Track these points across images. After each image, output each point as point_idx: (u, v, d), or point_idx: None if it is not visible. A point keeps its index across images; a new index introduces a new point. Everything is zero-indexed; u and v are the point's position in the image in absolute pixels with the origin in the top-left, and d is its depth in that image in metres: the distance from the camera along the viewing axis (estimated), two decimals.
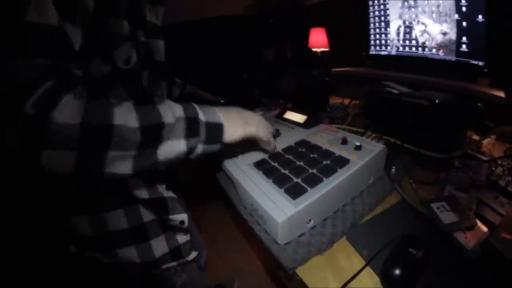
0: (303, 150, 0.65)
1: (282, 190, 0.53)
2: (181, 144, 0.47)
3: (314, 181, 0.53)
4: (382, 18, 1.51)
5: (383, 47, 1.56)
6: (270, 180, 0.56)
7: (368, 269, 0.50)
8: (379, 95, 1.02)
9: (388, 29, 1.50)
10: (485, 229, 0.55)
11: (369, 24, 1.60)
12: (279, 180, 0.55)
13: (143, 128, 0.42)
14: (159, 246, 0.63)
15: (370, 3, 1.55)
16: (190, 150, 0.49)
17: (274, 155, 0.65)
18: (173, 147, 0.46)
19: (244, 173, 0.61)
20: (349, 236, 0.56)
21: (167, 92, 0.72)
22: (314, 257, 0.52)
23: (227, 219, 1.89)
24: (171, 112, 0.46)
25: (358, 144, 0.62)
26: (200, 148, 0.50)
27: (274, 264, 0.54)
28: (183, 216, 0.64)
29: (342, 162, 0.58)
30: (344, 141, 0.65)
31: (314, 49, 1.76)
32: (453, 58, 1.20)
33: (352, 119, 1.13)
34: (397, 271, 0.46)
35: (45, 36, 0.38)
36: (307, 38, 1.83)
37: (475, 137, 0.96)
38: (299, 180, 0.54)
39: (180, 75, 1.06)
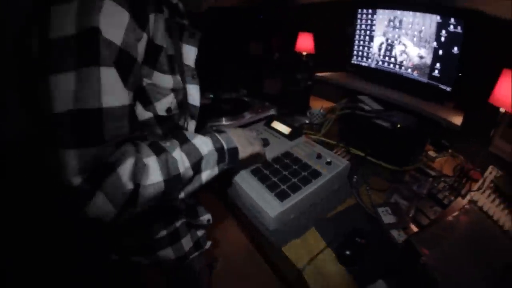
0: (288, 161, 0.91)
1: (273, 194, 0.78)
2: (214, 170, 0.67)
3: (295, 188, 0.79)
4: (368, 32, 1.78)
5: (364, 59, 1.84)
6: (264, 185, 0.81)
7: (328, 249, 0.77)
8: (353, 111, 1.30)
9: (372, 43, 1.77)
10: (415, 229, 0.84)
11: (354, 35, 1.86)
12: (271, 186, 0.80)
13: (193, 165, 0.61)
14: (187, 242, 0.85)
15: (359, 16, 1.80)
16: (220, 172, 0.69)
17: (266, 164, 0.90)
18: (209, 173, 0.66)
19: (245, 179, 0.85)
20: (317, 226, 0.83)
21: None
22: (293, 240, 0.79)
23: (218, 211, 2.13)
24: (205, 145, 0.65)
25: (329, 160, 0.88)
26: (225, 167, 0.71)
27: (265, 244, 0.82)
28: (208, 216, 0.90)
29: (316, 174, 0.84)
30: (319, 156, 0.92)
31: (300, 53, 2.00)
32: (425, 80, 1.49)
33: (329, 128, 1.40)
34: (347, 252, 0.74)
35: (120, 123, 0.50)
36: (294, 41, 2.06)
37: (431, 152, 1.26)
38: (285, 187, 0.80)
39: None
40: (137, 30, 0.52)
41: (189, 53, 0.76)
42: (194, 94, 0.78)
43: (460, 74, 1.33)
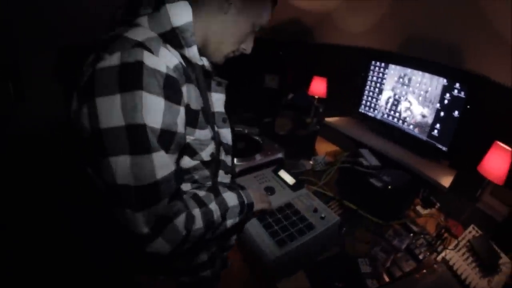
0: (288, 212, 1.18)
1: (274, 240, 1.05)
2: (236, 218, 0.87)
3: (292, 238, 1.06)
4: (378, 84, 2.05)
5: (371, 110, 2.12)
6: (267, 232, 1.08)
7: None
8: (352, 166, 1.61)
9: (380, 96, 2.04)
10: (387, 279, 1.11)
11: (365, 86, 2.15)
12: (272, 234, 1.08)
13: (222, 215, 0.80)
14: (218, 262, 1.04)
15: (372, 67, 2.08)
16: (240, 221, 0.89)
17: (271, 213, 1.18)
18: (233, 221, 0.86)
19: (252, 225, 1.13)
20: (305, 269, 1.11)
21: None
22: (285, 278, 1.08)
23: None
24: (231, 200, 0.85)
25: (323, 215, 1.15)
26: (243, 217, 0.91)
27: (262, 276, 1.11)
28: (234, 238, 1.15)
29: (310, 227, 1.11)
30: (315, 210, 1.19)
31: (313, 96, 2.26)
32: (424, 137, 1.76)
33: (329, 179, 1.70)
34: None
35: (171, 182, 0.65)
36: (308, 82, 2.33)
37: (419, 208, 1.52)
38: (283, 236, 1.06)
39: None
40: (173, 107, 0.63)
41: (219, 101, 0.88)
42: (226, 136, 0.91)
43: (457, 137, 1.58)
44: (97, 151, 0.60)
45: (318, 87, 2.27)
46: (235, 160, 1.54)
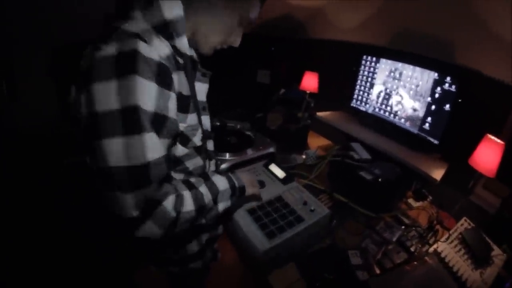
0: (278, 205, 1.17)
1: (263, 232, 1.03)
2: (228, 202, 0.87)
3: (282, 230, 1.05)
4: (369, 79, 2.04)
5: (363, 104, 2.10)
6: (257, 225, 1.07)
7: (302, 281, 1.02)
8: (342, 159, 1.58)
9: (371, 90, 2.03)
10: (378, 271, 1.08)
11: (357, 80, 2.13)
12: (262, 226, 1.06)
13: (213, 198, 0.81)
14: (208, 254, 1.07)
15: (363, 62, 2.06)
16: (232, 203, 0.89)
17: (260, 206, 1.16)
18: (224, 205, 0.86)
19: (242, 217, 1.11)
20: (296, 261, 1.09)
21: None
22: (276, 270, 1.05)
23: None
24: (221, 183, 0.85)
25: (312, 208, 1.14)
26: (235, 201, 0.91)
27: (253, 268, 1.09)
28: (221, 226, 1.14)
29: (300, 219, 1.10)
30: (305, 203, 1.18)
31: (304, 91, 2.24)
32: (415, 131, 1.75)
33: (321, 171, 1.68)
34: (317, 284, 1.00)
35: (161, 166, 0.67)
36: (300, 76, 2.31)
37: (411, 200, 1.51)
38: (273, 228, 1.05)
39: None
40: (165, 92, 0.66)
41: (202, 91, 0.90)
42: (206, 123, 0.93)
43: (448, 130, 1.57)
44: (92, 134, 0.62)
45: (310, 82, 2.25)
46: (227, 155, 1.52)
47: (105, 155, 0.61)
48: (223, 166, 1.45)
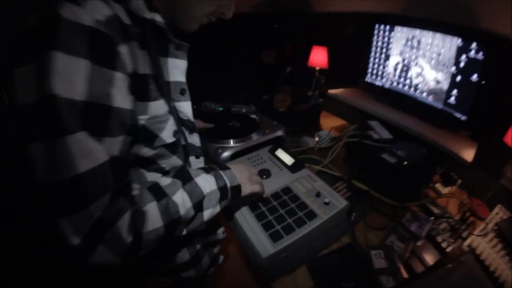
0: (286, 198, 0.97)
1: (267, 233, 0.84)
2: (216, 208, 0.70)
3: (289, 230, 0.85)
4: (384, 50, 1.80)
5: (379, 78, 1.87)
6: (260, 224, 0.87)
7: None
8: (360, 140, 1.36)
9: (387, 62, 1.79)
10: (405, 275, 0.88)
11: (370, 52, 1.89)
12: (266, 225, 0.86)
13: (195, 205, 0.64)
14: (206, 261, 0.95)
15: (376, 31, 1.82)
16: (222, 209, 0.73)
17: (264, 200, 0.96)
18: (211, 212, 0.69)
19: (242, 215, 0.92)
20: (308, 265, 0.89)
21: None
22: (283, 276, 0.87)
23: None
24: (207, 184, 0.68)
25: (327, 201, 0.93)
26: (227, 204, 0.75)
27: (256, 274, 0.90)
28: (222, 228, 0.98)
29: (312, 215, 0.89)
30: (318, 195, 0.97)
31: (313, 67, 2.05)
32: (439, 105, 1.51)
33: (335, 157, 1.45)
34: None
35: (106, 176, 0.51)
36: (308, 54, 2.11)
37: (439, 185, 1.28)
38: (279, 228, 0.85)
39: None
40: (103, 72, 0.49)
41: (177, 69, 0.72)
42: (186, 110, 0.77)
43: (477, 104, 1.34)
44: (20, 140, 0.48)
45: (318, 57, 2.05)
46: (231, 141, 1.36)
47: (31, 166, 0.46)
48: (226, 154, 1.27)
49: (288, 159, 1.17)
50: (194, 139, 0.84)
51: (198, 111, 1.65)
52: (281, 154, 1.21)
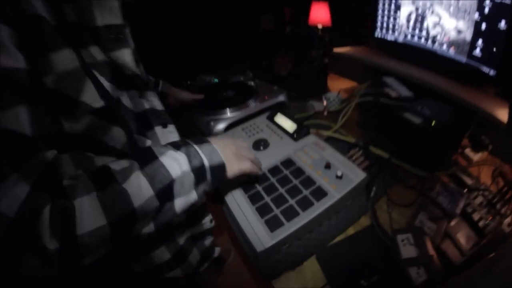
0: (287, 173, 0.75)
1: (263, 220, 0.63)
2: (191, 195, 0.53)
3: (291, 214, 0.64)
4: (393, 0, 1.53)
5: (390, 32, 1.59)
6: (254, 208, 0.67)
7: (328, 286, 0.63)
8: (376, 99, 1.12)
9: (398, 12, 1.51)
10: (439, 266, 0.67)
11: (377, 3, 1.61)
12: (262, 210, 0.66)
13: (159, 193, 0.47)
14: (194, 256, 0.76)
15: None
16: (201, 196, 0.55)
17: (261, 177, 0.75)
18: (186, 200, 0.52)
19: (233, 197, 0.71)
20: (318, 255, 0.68)
21: None
22: (286, 272, 0.66)
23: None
24: (177, 165, 0.50)
25: (339, 174, 0.71)
26: (206, 189, 0.57)
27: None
28: (209, 216, 0.77)
29: (321, 193, 0.68)
30: (328, 166, 0.75)
31: (315, 26, 1.79)
32: (463, 59, 1.25)
33: (348, 117, 1.23)
34: None
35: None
36: (308, 12, 1.86)
37: (469, 151, 1.04)
38: (278, 212, 0.65)
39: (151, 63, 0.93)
40: None
41: (105, 8, 0.53)
42: (125, 60, 0.57)
43: (508, 56, 1.07)
44: None
45: (320, 13, 1.80)
46: (225, 111, 1.13)
47: None
48: (220, 126, 1.07)
49: (289, 125, 0.95)
50: (153, 101, 0.63)
51: (192, 85, 1.45)
52: (281, 119, 0.99)
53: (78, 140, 0.48)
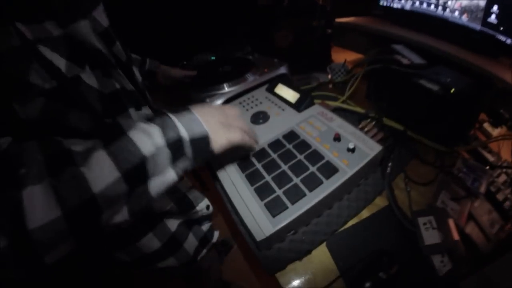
0: (290, 147, 0.64)
1: (263, 203, 0.53)
2: (170, 173, 0.44)
3: (296, 195, 0.53)
4: None
5: None
6: (252, 188, 0.56)
7: (341, 280, 0.53)
8: (386, 66, 0.99)
9: None
10: (464, 252, 0.55)
11: None
12: (261, 190, 0.55)
13: (126, 175, 0.38)
14: (191, 243, 0.68)
15: None
16: (180, 174, 0.46)
17: (259, 152, 0.64)
18: (162, 181, 0.43)
19: (228, 175, 0.60)
20: (329, 243, 0.58)
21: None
22: (292, 264, 0.56)
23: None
24: (148, 140, 0.41)
25: (351, 146, 0.60)
26: (188, 166, 0.47)
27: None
28: (205, 202, 0.69)
29: (331, 170, 0.56)
30: (337, 138, 0.64)
31: None
32: (477, 27, 1.12)
33: (356, 88, 1.10)
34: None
35: None
36: None
37: (487, 126, 0.93)
38: (280, 193, 0.54)
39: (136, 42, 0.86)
40: None
41: None
42: (85, 34, 0.47)
43: None
44: None
45: None
46: (225, 86, 1.01)
47: None
48: (217, 103, 0.96)
49: (291, 95, 0.83)
50: (122, 81, 0.52)
51: (188, 65, 1.37)
52: (282, 90, 0.87)
53: (39, 126, 0.41)
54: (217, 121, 0.50)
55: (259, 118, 0.77)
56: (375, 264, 0.53)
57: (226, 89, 1.02)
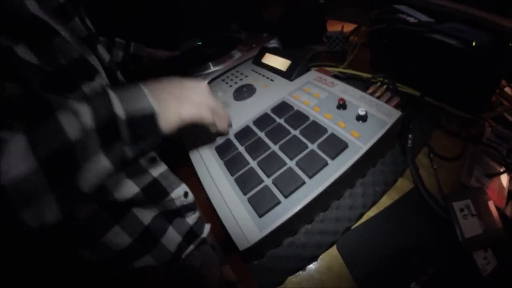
0: (281, 121, 0.47)
1: (246, 198, 0.37)
2: (102, 162, 0.33)
3: (291, 184, 0.37)
4: None
5: None
6: (232, 179, 0.40)
7: None
8: (390, 25, 0.82)
9: None
10: (507, 242, 0.42)
11: None
12: (243, 180, 0.39)
13: (45, 164, 0.29)
14: (172, 239, 0.55)
15: None
16: (118, 162, 0.35)
17: (242, 132, 0.48)
18: (94, 170, 0.33)
19: (204, 162, 0.45)
20: (340, 245, 0.42)
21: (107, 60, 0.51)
22: (291, 276, 0.40)
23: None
24: (76, 121, 0.31)
25: (362, 113, 0.43)
26: (128, 152, 0.36)
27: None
28: (183, 187, 0.54)
29: (337, 146, 0.40)
30: (342, 105, 0.47)
31: None
32: None
33: (355, 56, 0.93)
34: None
35: None
36: None
37: (508, 89, 0.77)
38: (269, 183, 0.38)
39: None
40: None
41: None
42: (16, 2, 0.36)
43: None
44: None
45: None
46: (210, 66, 0.91)
47: None
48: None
49: (281, 63, 0.66)
50: (71, 55, 0.41)
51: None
52: (271, 59, 0.71)
53: None
54: (170, 96, 0.39)
55: (243, 92, 0.61)
56: (403, 268, 0.38)
57: (212, 68, 0.91)
